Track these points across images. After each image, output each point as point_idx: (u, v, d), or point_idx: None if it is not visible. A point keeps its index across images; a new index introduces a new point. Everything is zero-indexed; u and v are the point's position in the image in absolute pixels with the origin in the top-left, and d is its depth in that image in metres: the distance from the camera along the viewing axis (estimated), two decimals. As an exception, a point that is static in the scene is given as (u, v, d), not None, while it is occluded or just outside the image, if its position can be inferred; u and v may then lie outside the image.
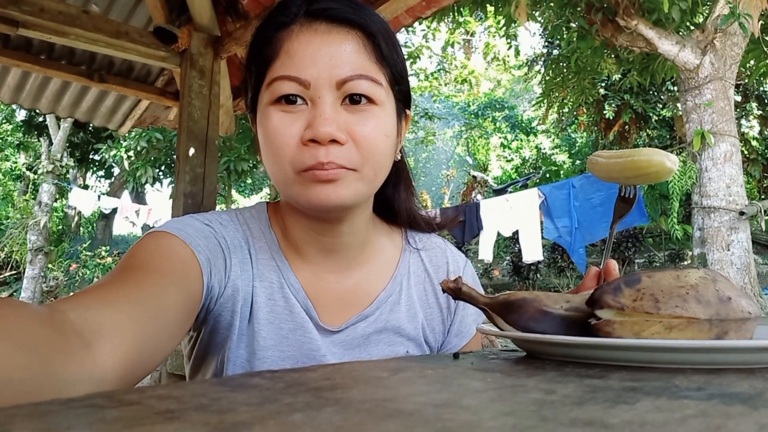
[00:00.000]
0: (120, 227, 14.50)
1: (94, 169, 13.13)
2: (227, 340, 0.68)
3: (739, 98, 9.38)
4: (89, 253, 12.46)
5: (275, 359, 0.67)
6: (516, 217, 5.53)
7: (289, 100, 0.63)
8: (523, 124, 17.59)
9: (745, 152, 9.43)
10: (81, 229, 15.50)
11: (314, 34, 0.63)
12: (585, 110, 10.82)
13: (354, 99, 0.63)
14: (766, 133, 10.19)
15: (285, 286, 0.70)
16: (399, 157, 0.73)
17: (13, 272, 12.19)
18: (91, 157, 12.38)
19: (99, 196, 8.59)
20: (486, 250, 5.82)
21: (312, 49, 0.62)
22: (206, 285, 0.62)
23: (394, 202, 0.79)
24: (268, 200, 0.81)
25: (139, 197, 14.93)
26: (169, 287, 0.56)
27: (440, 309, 0.79)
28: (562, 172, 12.84)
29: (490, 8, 7.34)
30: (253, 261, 0.69)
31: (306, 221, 0.70)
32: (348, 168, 0.62)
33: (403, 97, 0.70)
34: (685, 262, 9.07)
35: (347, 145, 0.62)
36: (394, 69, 0.67)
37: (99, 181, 15.12)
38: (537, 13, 7.22)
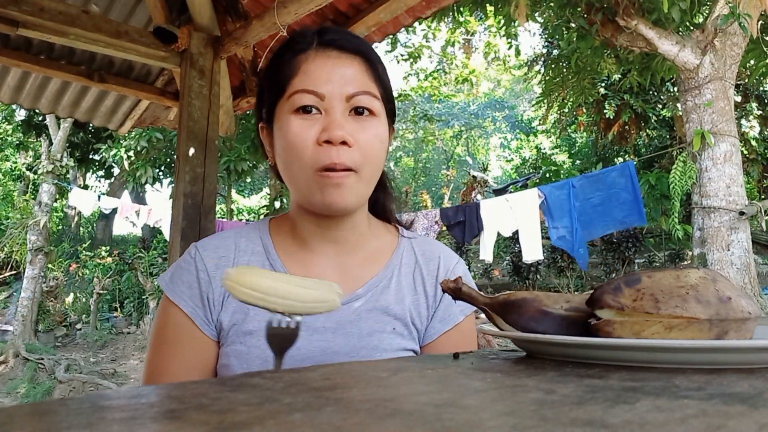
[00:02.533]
0: (120, 227, 14.48)
1: (94, 169, 13.10)
2: (227, 331, 0.82)
3: (739, 98, 9.37)
4: (89, 253, 12.47)
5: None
6: (516, 217, 5.53)
7: (306, 109, 0.77)
8: (523, 124, 17.59)
9: (745, 152, 9.43)
10: (81, 229, 15.51)
11: (327, 58, 0.79)
12: (585, 110, 10.81)
13: (358, 111, 0.78)
14: (766, 133, 10.18)
15: None
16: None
17: (13, 272, 12.19)
18: (91, 157, 12.36)
19: (99, 196, 8.54)
20: (486, 250, 5.81)
21: (326, 69, 0.78)
22: (200, 321, 0.81)
23: (385, 203, 0.95)
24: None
25: (139, 197, 14.94)
26: (188, 350, 0.80)
27: (426, 296, 0.89)
28: (562, 172, 12.83)
29: (490, 8, 7.34)
30: (240, 263, 0.84)
31: (314, 218, 0.83)
32: (352, 169, 0.76)
33: (391, 113, 0.86)
34: (685, 262, 9.07)
35: (353, 147, 0.76)
36: (387, 89, 0.84)
37: (99, 181, 15.12)
38: (537, 13, 7.21)
